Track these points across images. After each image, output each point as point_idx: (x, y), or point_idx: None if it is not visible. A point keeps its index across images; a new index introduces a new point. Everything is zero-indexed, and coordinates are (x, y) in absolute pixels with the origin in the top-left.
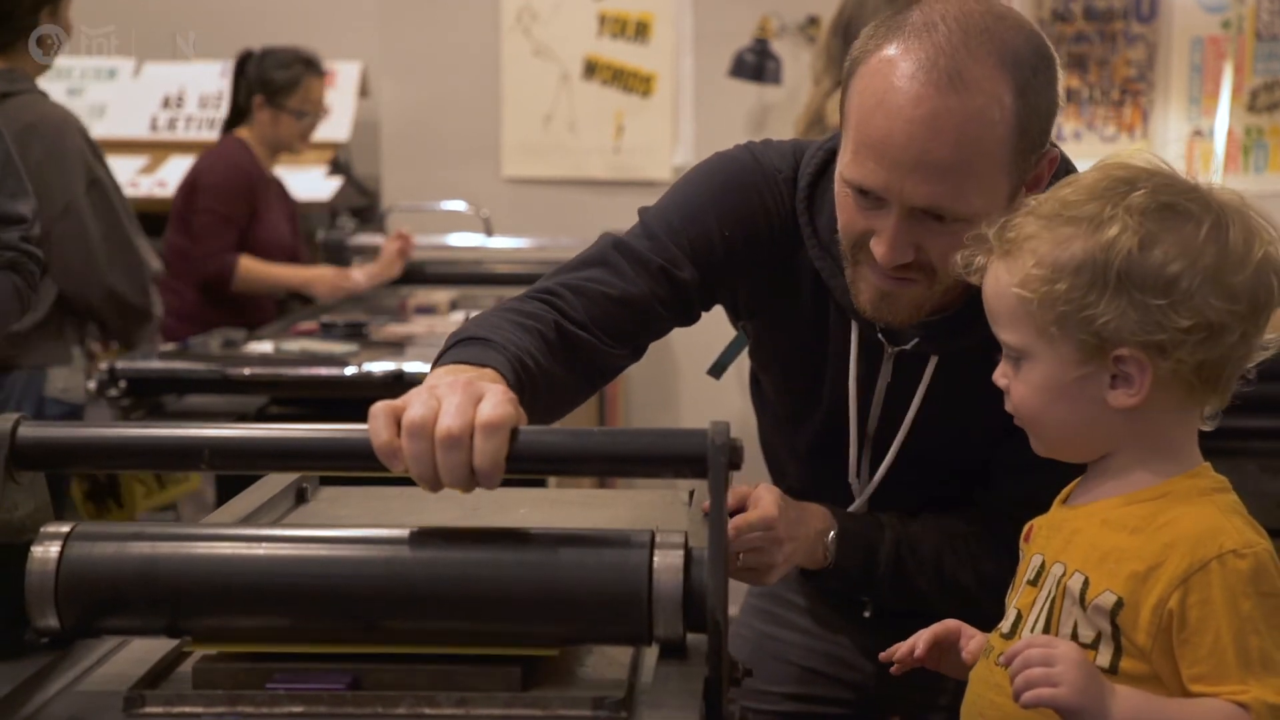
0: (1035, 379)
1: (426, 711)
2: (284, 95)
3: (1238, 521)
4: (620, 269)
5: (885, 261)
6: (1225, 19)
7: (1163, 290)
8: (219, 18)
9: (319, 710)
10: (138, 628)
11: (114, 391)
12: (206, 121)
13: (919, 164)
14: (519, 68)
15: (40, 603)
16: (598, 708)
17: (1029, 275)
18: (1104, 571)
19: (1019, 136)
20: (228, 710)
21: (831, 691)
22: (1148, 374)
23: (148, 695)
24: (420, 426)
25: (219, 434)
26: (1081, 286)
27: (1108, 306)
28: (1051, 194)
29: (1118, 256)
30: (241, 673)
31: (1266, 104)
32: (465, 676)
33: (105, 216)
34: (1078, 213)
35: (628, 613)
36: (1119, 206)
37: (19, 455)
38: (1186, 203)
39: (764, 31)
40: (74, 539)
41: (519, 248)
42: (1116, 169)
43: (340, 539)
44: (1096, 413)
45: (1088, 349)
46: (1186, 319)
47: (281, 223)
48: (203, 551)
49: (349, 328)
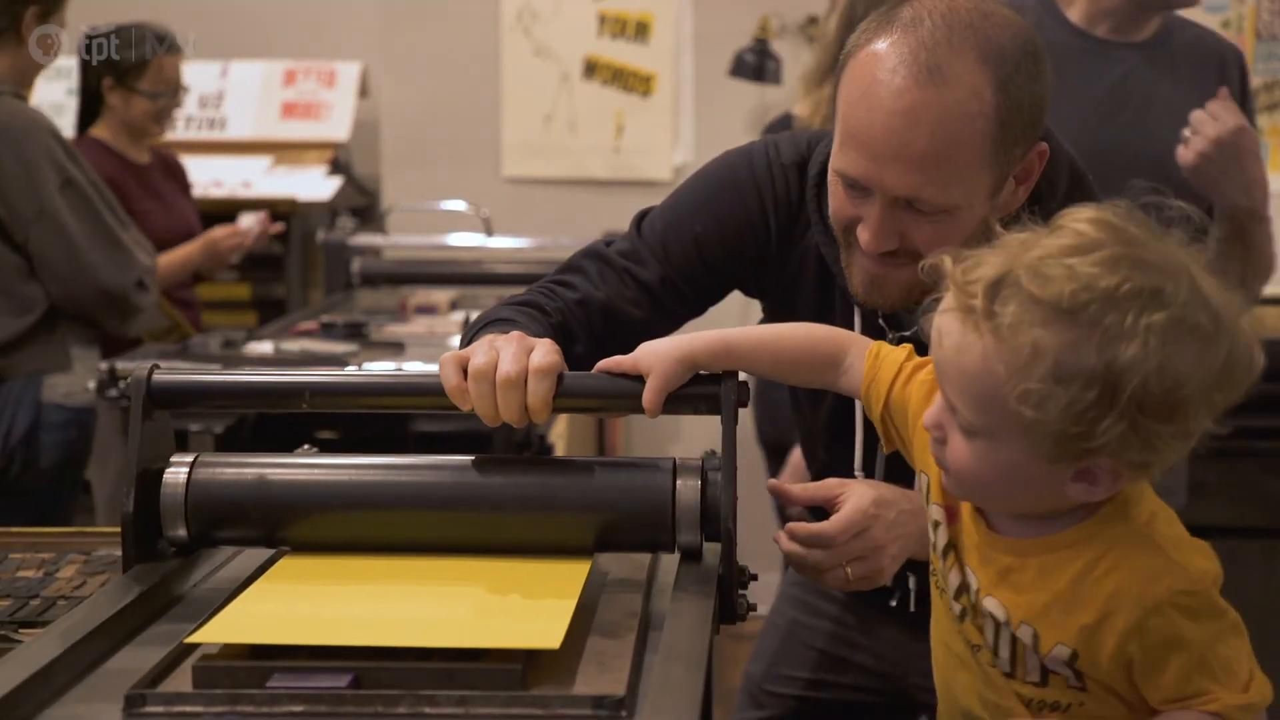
0: (990, 459)
1: (426, 711)
2: (134, 76)
3: (1179, 555)
4: (589, 274)
5: (869, 248)
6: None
7: (1168, 417)
8: (219, 18)
9: (319, 710)
10: (246, 538)
11: (114, 392)
12: (206, 121)
13: (898, 155)
14: (519, 68)
15: (172, 517)
16: (597, 707)
17: (1029, 390)
18: (1051, 623)
19: (1000, 130)
20: (228, 710)
21: (858, 679)
22: (1120, 482)
23: (148, 695)
24: (483, 372)
25: (318, 378)
26: (1085, 401)
27: (1109, 426)
28: (1061, 270)
29: (1132, 381)
30: (241, 672)
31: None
32: (465, 675)
33: (84, 215)
34: (1091, 316)
35: (655, 523)
36: (1139, 322)
37: (154, 397)
38: (1205, 322)
39: (764, 31)
40: (198, 466)
41: (519, 248)
42: (1134, 270)
43: (416, 465)
44: (1047, 495)
45: (1064, 453)
46: (1179, 443)
47: (176, 204)
48: (302, 475)
49: (349, 328)
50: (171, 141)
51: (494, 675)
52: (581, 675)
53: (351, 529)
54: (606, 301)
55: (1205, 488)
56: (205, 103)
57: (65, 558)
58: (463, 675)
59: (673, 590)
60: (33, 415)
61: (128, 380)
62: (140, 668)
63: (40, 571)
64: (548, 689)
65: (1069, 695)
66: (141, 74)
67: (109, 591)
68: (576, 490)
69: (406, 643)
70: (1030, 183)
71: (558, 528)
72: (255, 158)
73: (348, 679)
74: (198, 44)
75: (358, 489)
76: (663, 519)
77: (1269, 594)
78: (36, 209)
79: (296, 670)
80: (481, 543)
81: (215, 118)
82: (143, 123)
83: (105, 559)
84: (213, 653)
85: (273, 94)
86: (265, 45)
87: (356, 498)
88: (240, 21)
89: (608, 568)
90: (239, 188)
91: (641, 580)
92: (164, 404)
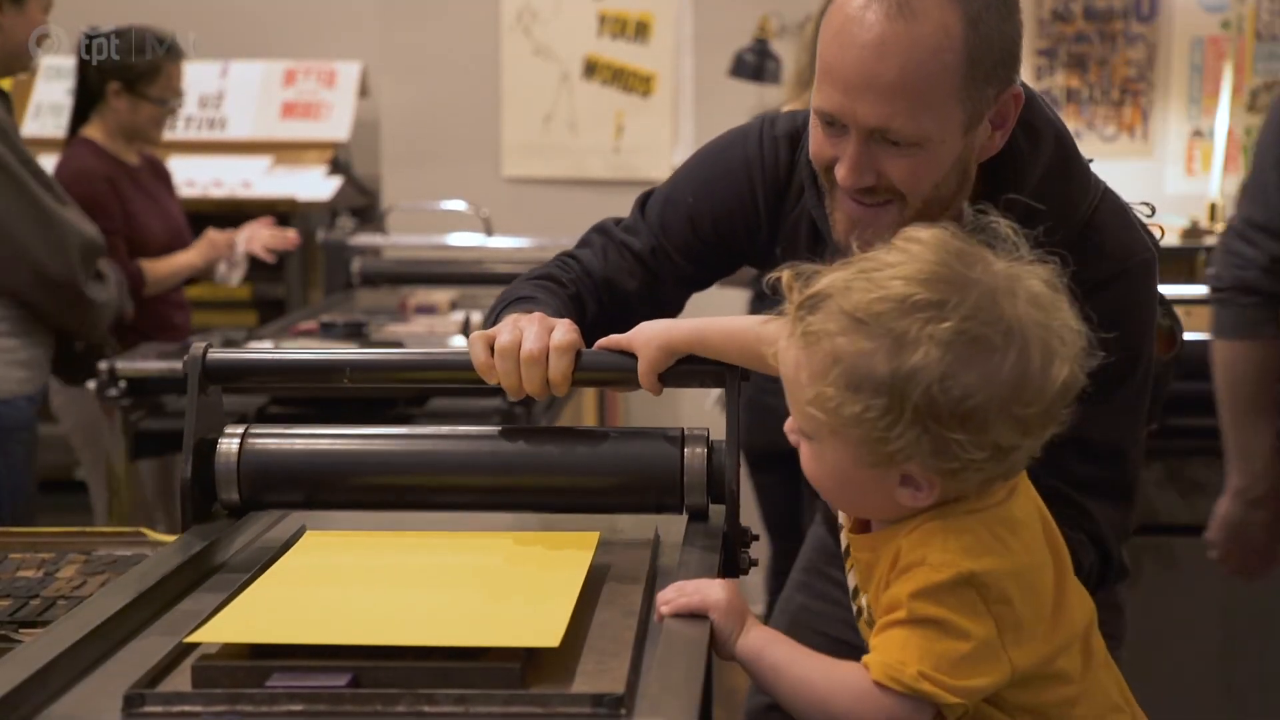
0: (825, 462)
1: (426, 709)
2: (145, 82)
3: (956, 541)
4: (594, 247)
5: (846, 184)
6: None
7: (959, 425)
8: (219, 18)
9: (318, 709)
10: (292, 501)
11: (113, 392)
12: (206, 121)
13: (870, 86)
14: (519, 68)
15: (225, 482)
16: (597, 705)
17: (822, 394)
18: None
19: (969, 66)
20: (228, 709)
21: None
22: (937, 488)
23: (148, 695)
24: (508, 350)
25: (358, 355)
26: (877, 409)
27: (903, 433)
28: (864, 282)
29: (916, 389)
30: (241, 672)
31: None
32: (464, 674)
33: (14, 194)
34: (884, 326)
35: (665, 486)
36: (924, 331)
37: (208, 372)
38: (991, 334)
39: (764, 31)
40: (248, 437)
41: (519, 247)
42: (926, 284)
43: (447, 434)
44: (883, 501)
45: (876, 458)
46: (980, 452)
47: (167, 206)
48: (342, 444)
49: (349, 327)
50: (171, 141)
51: (493, 674)
52: (581, 673)
53: (386, 492)
54: (606, 274)
55: (1205, 488)
56: (205, 103)
57: (65, 558)
58: (462, 674)
59: (681, 547)
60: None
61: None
62: (140, 668)
63: (40, 571)
64: (547, 687)
65: None
66: (152, 81)
67: (109, 591)
68: (595, 456)
69: (406, 641)
70: (1007, 128)
71: (577, 490)
72: (255, 158)
73: (347, 678)
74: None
75: (391, 455)
76: (672, 482)
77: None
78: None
79: (296, 670)
80: (508, 502)
81: (215, 118)
82: (146, 128)
83: (105, 559)
84: (212, 652)
85: (273, 94)
86: (265, 45)
87: (390, 463)
88: (240, 21)
89: (608, 564)
90: (239, 188)
91: (642, 579)
92: (217, 379)
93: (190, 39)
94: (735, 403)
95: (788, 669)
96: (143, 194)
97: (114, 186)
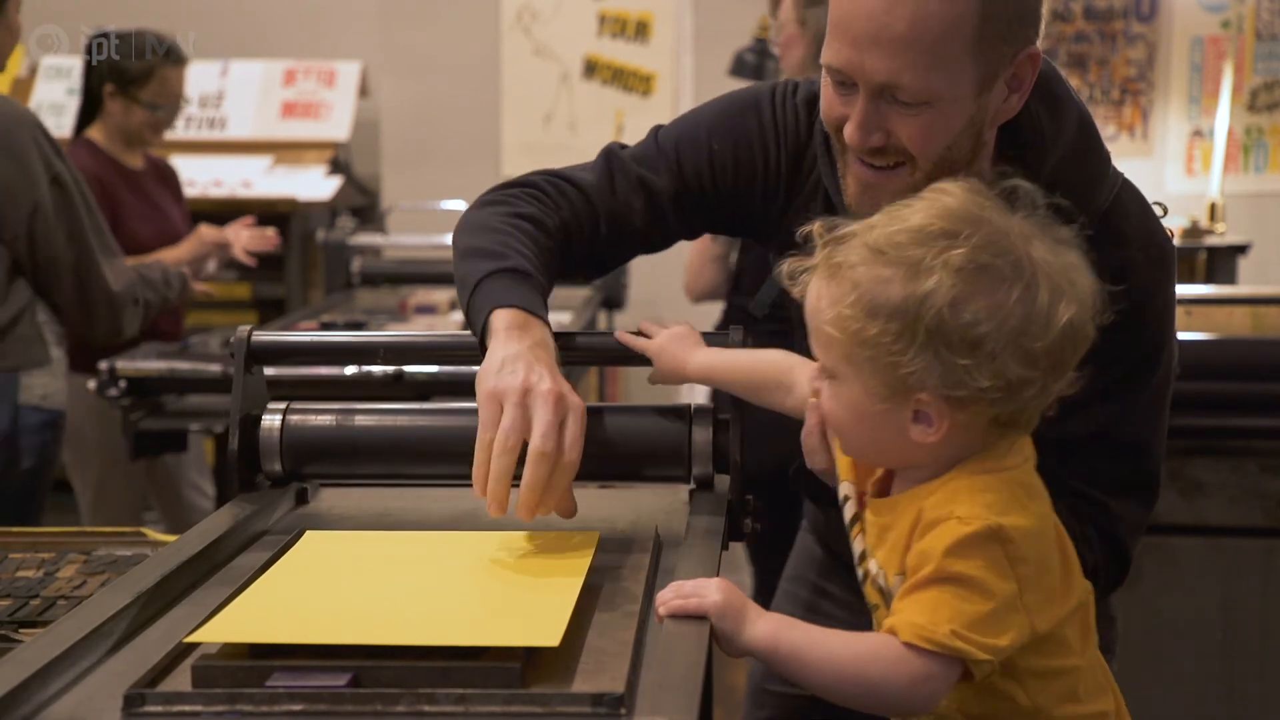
0: (843, 399)
1: (426, 709)
2: (137, 86)
3: (981, 497)
4: (601, 175)
5: (853, 142)
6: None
7: (968, 350)
8: (219, 18)
9: (319, 708)
10: (329, 473)
11: (114, 391)
12: (206, 121)
13: (877, 39)
14: (519, 68)
15: (268, 454)
16: (597, 705)
17: (841, 314)
18: (895, 562)
19: (982, 22)
20: (228, 709)
21: None
22: (946, 420)
23: (148, 695)
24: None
25: (390, 338)
26: (891, 333)
27: (915, 358)
28: (888, 219)
29: (929, 312)
30: (240, 672)
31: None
32: (464, 674)
33: (74, 211)
34: (900, 255)
35: (674, 458)
36: (938, 259)
37: (253, 353)
38: (1001, 264)
39: (764, 31)
40: (289, 413)
41: None
42: (946, 216)
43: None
44: (897, 439)
45: (891, 388)
46: (987, 380)
47: (166, 211)
48: (375, 420)
49: (349, 327)
50: (171, 141)
51: (493, 673)
52: (580, 673)
53: (413, 463)
54: (613, 207)
55: (1205, 488)
56: (205, 102)
57: (65, 558)
58: (462, 673)
59: (689, 513)
60: (11, 418)
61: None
62: (140, 668)
63: (40, 571)
64: (547, 687)
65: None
66: (144, 85)
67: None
68: (609, 429)
69: (405, 641)
70: (1024, 91)
71: (593, 460)
72: (255, 157)
73: (347, 678)
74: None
75: (418, 431)
76: (680, 454)
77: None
78: (31, 205)
79: (295, 669)
80: None
81: (215, 117)
82: (139, 131)
83: (105, 559)
84: (212, 652)
85: (273, 94)
86: (265, 45)
87: (416, 438)
88: (240, 21)
89: (608, 564)
90: (239, 187)
91: (642, 578)
92: (261, 360)
93: (190, 39)
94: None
95: (809, 651)
96: (138, 197)
97: (103, 188)
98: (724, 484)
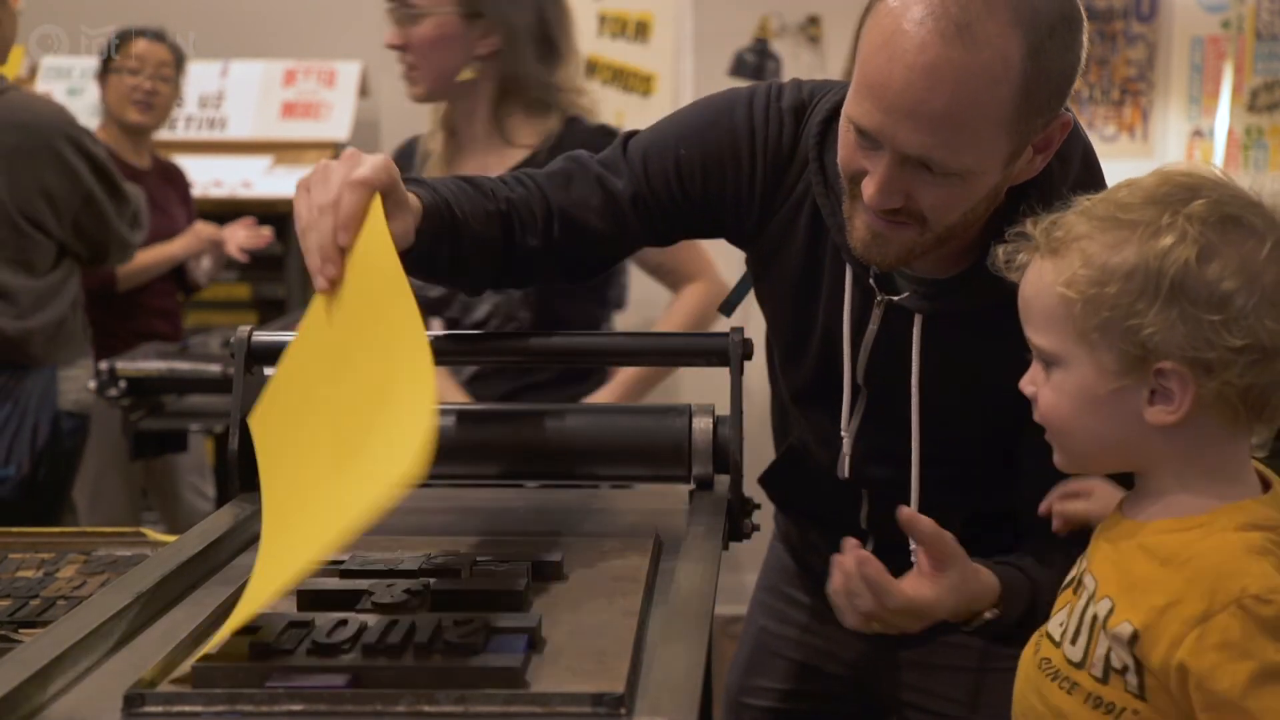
0: (1068, 387)
1: (426, 709)
2: (116, 59)
3: (1265, 563)
4: (558, 175)
5: (872, 204)
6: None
7: (1217, 306)
8: (219, 18)
9: (318, 709)
10: None
11: (114, 391)
12: (206, 121)
13: (914, 112)
14: None
15: None
16: (597, 705)
17: (1076, 275)
18: (1129, 601)
19: (1023, 98)
20: (228, 710)
21: (829, 688)
22: (1190, 392)
23: (147, 695)
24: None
25: None
26: (1131, 293)
27: (1156, 317)
28: (1107, 195)
29: (1173, 265)
30: (241, 672)
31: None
32: (464, 674)
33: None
34: (1134, 216)
35: (674, 458)
36: (1179, 214)
37: (253, 354)
38: (1251, 217)
39: (764, 31)
40: None
41: None
42: (1179, 175)
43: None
44: (1130, 428)
45: (1128, 360)
46: (1239, 339)
47: (170, 212)
48: None
49: None
50: (171, 141)
51: (493, 673)
52: (581, 673)
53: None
54: (566, 205)
55: None
56: (205, 103)
57: (65, 558)
58: (462, 673)
59: (689, 514)
60: (51, 423)
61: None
62: (140, 668)
63: (40, 571)
64: (546, 686)
65: (1125, 699)
66: (122, 53)
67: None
68: (608, 428)
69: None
70: (1049, 152)
71: (592, 459)
72: (255, 157)
73: (347, 678)
74: (197, 44)
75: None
76: (680, 453)
77: None
78: (83, 197)
79: (295, 669)
80: (531, 472)
81: (215, 117)
82: (120, 109)
83: (105, 559)
84: (212, 652)
85: (273, 94)
86: (265, 45)
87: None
88: (240, 21)
89: (609, 564)
90: (239, 188)
91: (642, 578)
92: (261, 360)
93: (190, 39)
94: (738, 377)
95: None
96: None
97: None
98: (724, 484)
